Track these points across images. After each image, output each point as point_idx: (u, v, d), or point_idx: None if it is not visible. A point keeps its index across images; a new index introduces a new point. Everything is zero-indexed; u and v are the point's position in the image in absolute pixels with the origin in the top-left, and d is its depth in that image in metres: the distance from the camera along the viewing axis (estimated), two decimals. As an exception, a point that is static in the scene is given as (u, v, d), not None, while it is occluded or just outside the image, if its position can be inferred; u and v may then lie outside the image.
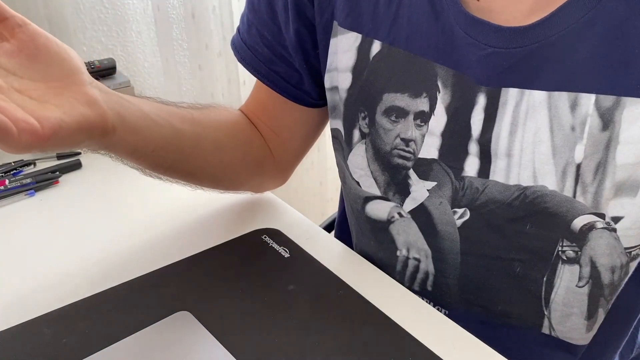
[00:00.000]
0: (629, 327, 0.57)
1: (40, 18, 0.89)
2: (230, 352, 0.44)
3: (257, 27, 0.57)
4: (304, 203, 1.53)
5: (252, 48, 0.58)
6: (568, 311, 0.50)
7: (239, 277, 0.53)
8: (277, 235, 0.59)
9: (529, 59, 0.43)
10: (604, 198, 0.44)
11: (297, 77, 0.57)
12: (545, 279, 0.49)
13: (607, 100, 0.41)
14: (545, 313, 0.51)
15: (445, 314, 0.55)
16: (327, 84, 0.55)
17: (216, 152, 0.56)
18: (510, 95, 0.44)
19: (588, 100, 0.42)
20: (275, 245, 0.57)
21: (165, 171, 0.53)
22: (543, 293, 0.50)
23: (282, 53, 0.57)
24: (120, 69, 0.85)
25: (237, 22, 1.15)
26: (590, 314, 0.50)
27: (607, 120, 0.41)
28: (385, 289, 0.52)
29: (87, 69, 0.80)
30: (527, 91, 0.43)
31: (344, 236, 0.72)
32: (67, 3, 0.92)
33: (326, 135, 0.69)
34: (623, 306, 0.52)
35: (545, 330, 0.52)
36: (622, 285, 0.49)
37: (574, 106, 0.42)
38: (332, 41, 0.52)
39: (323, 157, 1.52)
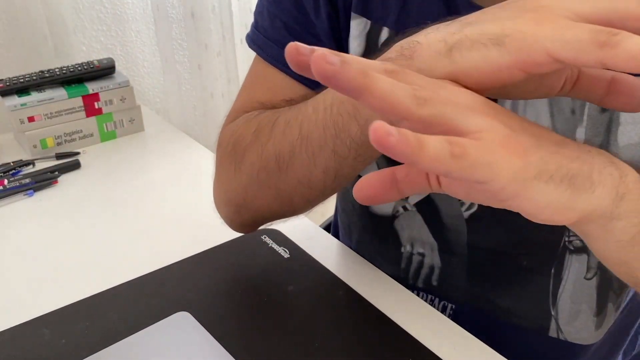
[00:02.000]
0: (633, 325, 0.57)
1: (40, 18, 0.89)
2: (229, 353, 0.44)
3: (281, 18, 0.54)
4: (303, 203, 1.52)
5: (279, 42, 0.54)
6: (576, 308, 0.50)
7: (239, 277, 0.53)
8: (277, 235, 0.59)
9: None
10: None
11: None
12: (553, 271, 0.49)
13: None
14: (552, 313, 0.51)
15: (451, 308, 0.55)
16: None
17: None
18: None
19: None
20: (275, 246, 0.57)
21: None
22: (551, 287, 0.50)
23: (311, 41, 0.54)
24: (119, 68, 0.85)
25: (236, 22, 1.15)
26: (600, 310, 0.50)
27: None
28: (385, 289, 0.52)
29: (87, 69, 0.80)
30: None
31: (344, 236, 0.72)
32: (66, 3, 0.92)
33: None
34: (631, 303, 0.52)
35: (553, 333, 0.52)
36: None
37: None
38: (351, 25, 0.51)
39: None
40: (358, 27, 0.51)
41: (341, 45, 0.54)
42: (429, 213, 0.52)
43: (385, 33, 0.49)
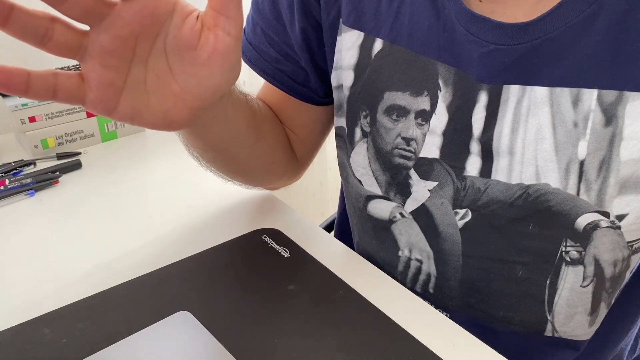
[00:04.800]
0: (629, 319, 0.57)
1: (40, 18, 0.89)
2: (230, 352, 0.44)
3: (262, 26, 0.57)
4: (304, 203, 1.53)
5: (258, 48, 0.58)
6: (572, 311, 0.50)
7: (239, 277, 0.53)
8: (277, 235, 0.59)
9: (531, 55, 0.43)
10: (608, 195, 0.43)
11: (303, 76, 0.57)
12: (548, 281, 0.49)
13: (610, 95, 0.41)
14: (549, 318, 0.51)
15: (446, 317, 0.55)
16: (334, 82, 0.55)
17: (265, 154, 0.58)
18: (512, 92, 0.44)
19: (590, 96, 0.42)
20: (275, 245, 0.57)
21: (216, 164, 0.56)
22: (546, 297, 0.49)
23: (288, 52, 0.56)
24: (120, 68, 0.85)
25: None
26: (593, 309, 0.50)
27: (610, 115, 0.41)
28: (385, 289, 0.52)
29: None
30: (529, 87, 0.43)
31: (344, 236, 0.72)
32: (67, 3, 0.92)
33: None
34: (623, 298, 0.52)
35: (548, 333, 0.52)
36: (625, 279, 0.49)
37: (576, 102, 0.42)
38: (338, 39, 0.53)
39: (323, 157, 1.52)
40: (350, 39, 0.51)
41: (314, 58, 0.55)
42: (425, 222, 0.52)
43: (378, 44, 0.50)
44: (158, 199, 0.69)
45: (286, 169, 0.63)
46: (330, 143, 0.63)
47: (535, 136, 0.44)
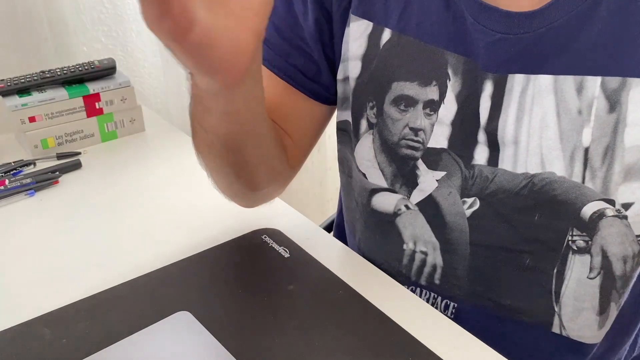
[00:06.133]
0: (635, 325, 0.57)
1: (41, 18, 0.89)
2: (230, 352, 0.44)
3: (273, 19, 0.55)
4: (304, 203, 1.53)
5: (267, 41, 0.56)
6: (579, 306, 0.50)
7: (239, 277, 0.53)
8: (277, 235, 0.59)
9: (536, 44, 0.43)
10: (613, 183, 0.44)
11: (315, 70, 0.57)
12: (555, 271, 0.49)
13: (613, 81, 0.41)
14: (556, 309, 0.51)
15: (453, 307, 0.55)
16: (340, 75, 0.54)
17: (271, 145, 0.53)
18: (517, 82, 0.44)
19: (594, 83, 0.42)
20: (275, 245, 0.57)
21: (228, 153, 0.49)
22: (553, 286, 0.50)
23: (300, 45, 0.56)
24: (120, 69, 0.85)
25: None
26: (602, 309, 0.50)
27: (614, 102, 0.42)
28: (385, 289, 0.52)
29: (87, 69, 0.80)
30: (533, 76, 0.44)
31: (343, 236, 0.72)
32: (67, 3, 0.92)
33: (326, 135, 0.69)
34: (632, 302, 0.52)
35: (556, 329, 0.52)
36: (635, 278, 0.49)
37: (580, 89, 0.43)
38: (347, 30, 0.52)
39: (323, 157, 1.52)
40: (359, 29, 0.51)
41: (325, 50, 0.55)
42: (431, 212, 0.52)
43: (387, 34, 0.50)
44: (158, 199, 0.69)
45: (281, 170, 0.59)
46: (330, 143, 0.63)
47: (539, 125, 0.44)
